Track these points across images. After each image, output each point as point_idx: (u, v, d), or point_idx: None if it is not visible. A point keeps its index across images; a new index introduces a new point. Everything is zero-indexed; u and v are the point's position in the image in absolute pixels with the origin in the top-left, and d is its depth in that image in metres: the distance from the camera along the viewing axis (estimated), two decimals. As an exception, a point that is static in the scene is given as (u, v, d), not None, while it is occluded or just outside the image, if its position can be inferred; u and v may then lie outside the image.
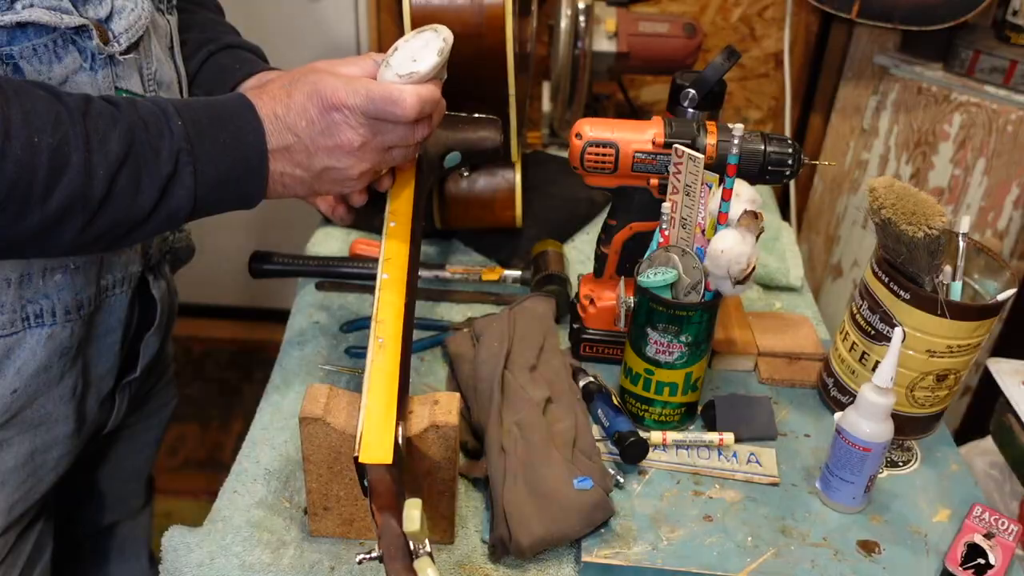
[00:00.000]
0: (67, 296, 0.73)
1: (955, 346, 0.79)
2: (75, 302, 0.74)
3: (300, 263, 1.09)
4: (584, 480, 0.74)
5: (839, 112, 1.67)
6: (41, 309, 0.71)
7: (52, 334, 0.73)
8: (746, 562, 0.73)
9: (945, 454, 0.87)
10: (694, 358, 0.82)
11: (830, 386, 0.90)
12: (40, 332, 0.72)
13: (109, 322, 0.80)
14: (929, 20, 1.37)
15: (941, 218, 0.76)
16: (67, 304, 0.73)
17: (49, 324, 0.72)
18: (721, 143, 0.83)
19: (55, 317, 0.72)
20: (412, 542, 0.55)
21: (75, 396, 0.79)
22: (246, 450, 0.84)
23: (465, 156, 0.98)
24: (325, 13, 1.76)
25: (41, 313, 0.71)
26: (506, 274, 1.09)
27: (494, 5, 0.92)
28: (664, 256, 0.82)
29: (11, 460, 0.76)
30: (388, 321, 0.72)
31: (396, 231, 0.81)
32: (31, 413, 0.76)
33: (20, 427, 0.76)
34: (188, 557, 0.73)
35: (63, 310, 0.73)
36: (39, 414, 0.76)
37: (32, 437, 0.77)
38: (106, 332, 0.80)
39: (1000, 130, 1.43)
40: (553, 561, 0.74)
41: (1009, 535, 0.76)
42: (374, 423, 0.63)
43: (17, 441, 0.76)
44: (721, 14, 1.70)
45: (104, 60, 0.68)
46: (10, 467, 0.76)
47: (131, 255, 0.80)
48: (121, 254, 0.78)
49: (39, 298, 0.71)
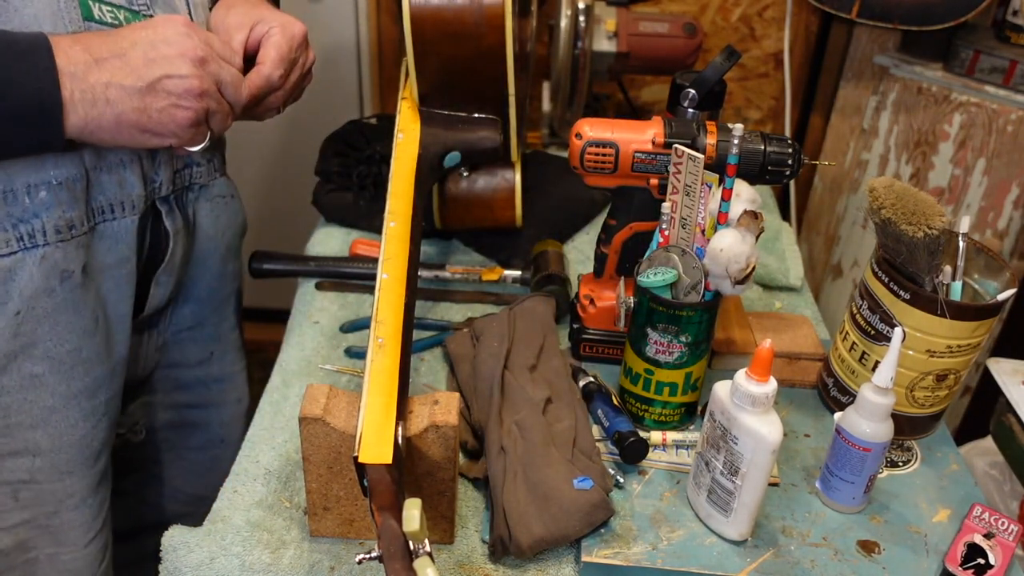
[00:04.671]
0: (55, 214, 0.72)
1: (955, 346, 0.79)
2: (64, 221, 0.73)
3: (300, 263, 1.09)
4: (584, 480, 0.74)
5: (839, 112, 1.67)
6: (32, 229, 0.71)
7: (46, 255, 0.73)
8: (746, 562, 0.73)
9: (945, 454, 0.87)
10: (694, 358, 0.82)
11: (830, 386, 0.90)
12: (35, 253, 0.72)
13: (118, 250, 0.79)
14: (929, 20, 1.37)
15: (941, 218, 0.76)
16: (56, 223, 0.72)
17: (42, 244, 0.72)
18: (721, 143, 0.83)
19: (46, 236, 0.72)
20: (412, 542, 0.55)
21: (99, 330, 0.79)
22: (246, 450, 0.84)
23: (465, 156, 0.98)
24: (325, 13, 1.76)
25: (33, 233, 0.71)
26: (506, 274, 1.09)
27: (494, 5, 0.92)
28: (664, 256, 0.82)
29: (49, 399, 0.78)
30: (388, 321, 0.72)
31: (396, 231, 0.81)
32: (54, 347, 0.76)
33: (49, 363, 0.76)
34: (188, 557, 0.73)
35: (53, 229, 0.72)
36: (64, 349, 0.77)
37: (68, 379, 0.78)
38: (117, 262, 0.80)
39: (1000, 130, 1.43)
40: (553, 561, 0.74)
41: (1009, 535, 0.76)
42: (374, 423, 0.63)
43: (51, 381, 0.77)
44: (721, 14, 1.70)
45: None
46: (48, 406, 0.78)
47: (125, 175, 0.78)
48: (111, 172, 0.76)
49: (29, 217, 0.71)
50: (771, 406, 0.70)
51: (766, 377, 0.69)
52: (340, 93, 1.84)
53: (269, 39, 0.79)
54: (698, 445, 0.76)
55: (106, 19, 0.71)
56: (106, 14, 0.71)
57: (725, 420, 0.71)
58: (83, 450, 0.83)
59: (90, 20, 0.70)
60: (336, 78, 1.82)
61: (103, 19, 0.71)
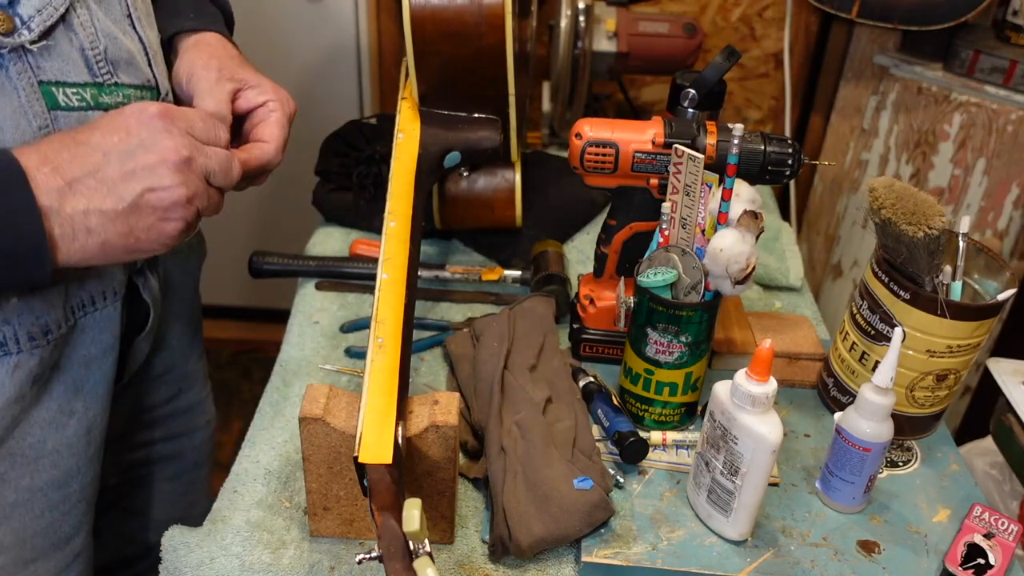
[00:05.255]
0: (27, 321, 0.66)
1: (955, 346, 0.79)
2: (39, 327, 0.67)
3: (300, 263, 1.09)
4: (584, 480, 0.74)
5: (839, 112, 1.67)
6: (4, 337, 0.65)
7: (19, 363, 0.66)
8: (746, 562, 0.73)
9: (945, 454, 0.87)
10: (694, 358, 0.82)
11: (830, 386, 0.90)
12: (6, 362, 0.65)
13: (102, 339, 0.73)
14: (929, 20, 1.37)
15: (941, 218, 0.76)
16: (29, 330, 0.66)
17: (15, 352, 0.66)
18: (721, 143, 0.83)
19: (19, 344, 0.66)
20: (412, 542, 0.55)
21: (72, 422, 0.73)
22: (246, 450, 0.84)
23: (465, 156, 0.98)
24: (325, 13, 1.76)
25: (4, 341, 0.65)
26: (506, 274, 1.09)
27: (494, 5, 0.92)
28: (664, 256, 0.82)
29: (11, 495, 0.71)
30: (388, 321, 0.72)
31: (396, 231, 0.81)
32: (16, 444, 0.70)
33: (11, 460, 0.70)
34: (188, 557, 0.73)
35: (26, 336, 0.66)
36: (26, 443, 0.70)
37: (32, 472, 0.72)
38: (102, 353, 0.74)
39: (1000, 130, 1.43)
40: (553, 561, 0.74)
41: (1009, 535, 0.76)
42: (374, 423, 0.63)
43: (13, 476, 0.71)
44: (721, 14, 1.70)
45: (14, 53, 0.59)
46: (10, 502, 0.71)
47: (105, 267, 0.71)
48: (90, 268, 0.69)
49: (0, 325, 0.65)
50: (771, 406, 0.70)
51: (766, 377, 0.69)
52: (340, 93, 1.84)
53: (271, 115, 0.74)
54: (698, 445, 0.76)
55: (73, 103, 0.64)
56: (72, 98, 0.64)
57: (725, 420, 0.71)
58: (50, 537, 0.76)
59: (56, 109, 0.63)
60: (336, 78, 1.82)
61: (70, 104, 0.64)
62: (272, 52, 1.77)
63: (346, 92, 1.84)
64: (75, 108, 0.64)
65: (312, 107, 1.85)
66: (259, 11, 1.75)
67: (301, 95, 1.83)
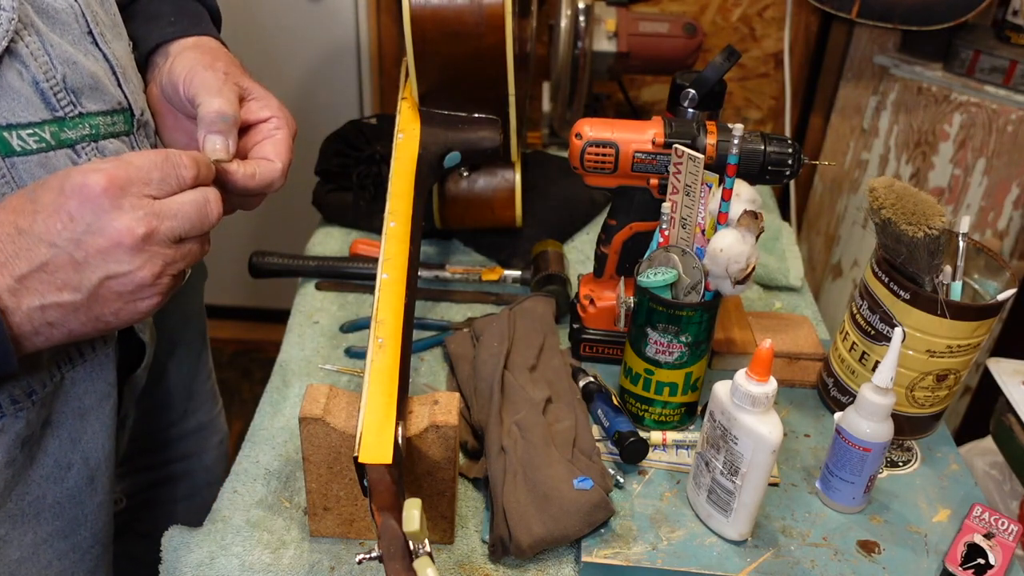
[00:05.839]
0: (8, 385, 0.61)
1: (955, 346, 0.79)
2: (21, 390, 0.61)
3: (300, 263, 1.09)
4: (584, 480, 0.74)
5: (839, 112, 1.68)
6: None
7: (3, 427, 0.61)
8: (746, 562, 0.73)
9: (945, 454, 0.87)
10: (694, 358, 0.82)
11: (830, 386, 0.90)
12: None
13: (97, 388, 0.68)
14: (929, 20, 1.37)
15: (941, 218, 0.76)
16: (11, 393, 0.61)
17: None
18: (721, 143, 0.83)
19: (1, 409, 0.61)
20: (412, 542, 0.55)
21: (71, 474, 0.69)
22: (246, 450, 0.84)
23: (465, 156, 0.98)
24: (325, 13, 1.76)
25: None
26: (506, 274, 1.09)
27: (494, 5, 0.92)
28: (664, 256, 0.82)
29: (15, 552, 0.67)
30: (388, 321, 0.72)
31: (396, 231, 0.81)
32: (14, 505, 0.66)
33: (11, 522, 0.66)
34: (188, 557, 0.73)
35: (8, 400, 0.61)
36: (25, 501, 0.67)
37: (34, 527, 0.68)
38: (98, 401, 0.69)
39: (1000, 130, 1.43)
40: (553, 561, 0.74)
41: (1009, 535, 0.76)
42: (374, 423, 0.63)
43: (15, 535, 0.67)
44: (721, 14, 1.70)
45: None
46: (15, 559, 0.67)
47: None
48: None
49: None
50: (771, 406, 0.70)
51: (766, 377, 0.69)
52: (340, 93, 1.84)
53: (277, 132, 0.69)
54: (698, 445, 0.76)
55: (30, 146, 0.58)
56: (28, 140, 0.58)
57: (725, 420, 0.71)
58: None
59: (12, 155, 0.57)
60: (336, 78, 1.82)
61: (27, 148, 0.58)
62: (272, 52, 1.77)
63: (346, 92, 1.84)
64: (33, 151, 0.58)
65: (312, 107, 1.85)
66: (259, 11, 1.75)
67: (301, 95, 1.84)
